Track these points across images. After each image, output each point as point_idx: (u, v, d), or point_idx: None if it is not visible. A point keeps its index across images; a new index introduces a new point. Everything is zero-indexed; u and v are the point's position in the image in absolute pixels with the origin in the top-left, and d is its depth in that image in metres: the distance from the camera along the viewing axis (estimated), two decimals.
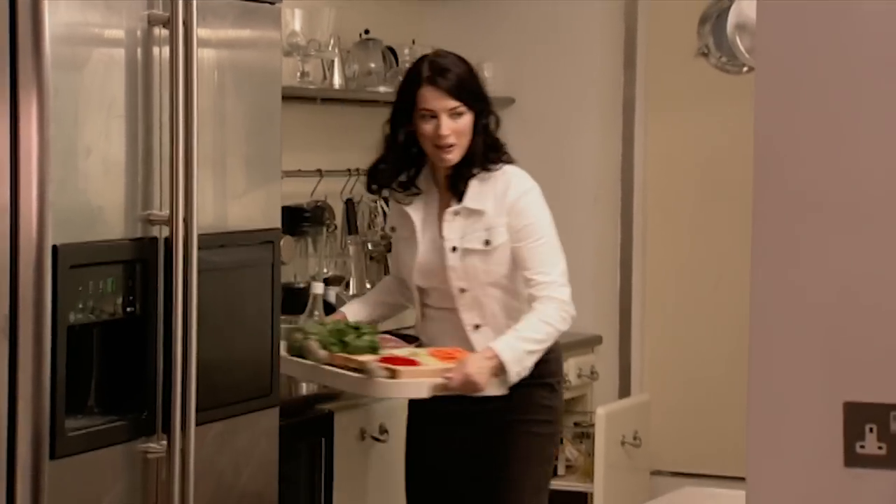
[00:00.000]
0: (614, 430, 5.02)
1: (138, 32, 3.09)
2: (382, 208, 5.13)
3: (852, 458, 2.02)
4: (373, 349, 3.66)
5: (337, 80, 4.78)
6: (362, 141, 5.14)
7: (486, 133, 3.78)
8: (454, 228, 3.75)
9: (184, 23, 3.11)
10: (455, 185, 3.76)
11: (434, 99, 3.71)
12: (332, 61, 4.75)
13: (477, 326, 3.74)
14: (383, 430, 4.15)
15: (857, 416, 2.02)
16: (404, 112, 3.77)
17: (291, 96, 4.45)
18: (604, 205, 5.54)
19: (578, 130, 5.50)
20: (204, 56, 3.21)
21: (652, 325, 5.56)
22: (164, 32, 3.12)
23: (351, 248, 4.95)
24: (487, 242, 3.72)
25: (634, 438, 5.15)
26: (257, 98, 3.42)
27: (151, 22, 3.10)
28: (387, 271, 5.02)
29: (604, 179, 5.54)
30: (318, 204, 4.75)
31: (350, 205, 4.99)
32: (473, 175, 3.74)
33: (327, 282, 4.70)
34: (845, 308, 2.03)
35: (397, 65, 5.07)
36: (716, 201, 5.44)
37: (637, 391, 5.54)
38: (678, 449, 5.45)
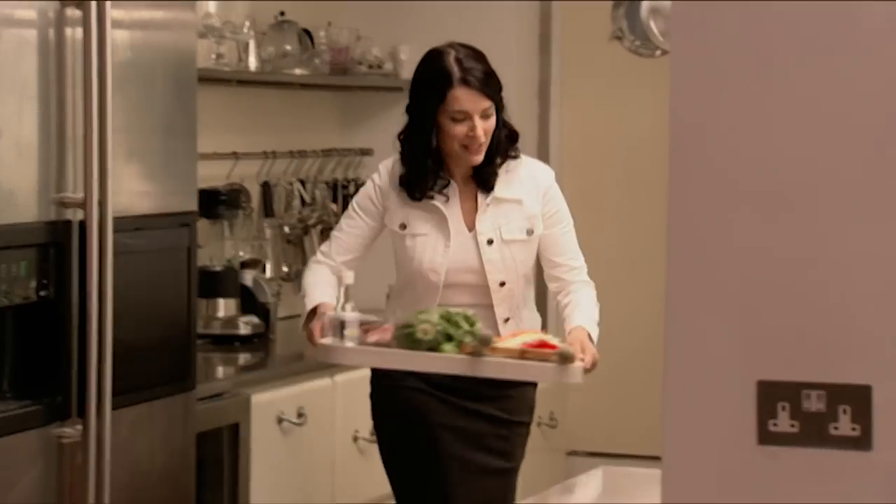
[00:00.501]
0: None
1: (50, 13, 3.05)
2: (300, 191, 5.11)
3: (766, 436, 2.04)
4: (487, 339, 3.31)
5: (252, 63, 4.75)
6: (278, 123, 5.14)
7: (505, 125, 3.67)
8: (486, 220, 3.60)
9: (97, 3, 3.08)
10: (484, 178, 3.61)
11: (468, 100, 3.53)
12: (247, 43, 4.72)
13: (507, 319, 3.60)
14: (301, 415, 4.15)
15: (770, 395, 2.04)
16: (431, 113, 3.56)
17: (206, 78, 4.41)
18: None
19: None
20: (118, 37, 3.18)
21: None
22: (77, 13, 3.08)
23: (268, 232, 4.93)
24: (530, 232, 3.62)
25: (551, 419, 5.18)
26: (172, 80, 3.40)
27: (64, 2, 3.07)
28: (304, 255, 5.01)
29: None
30: (234, 187, 4.73)
31: (266, 188, 4.97)
32: (499, 166, 3.61)
33: (243, 265, 4.68)
34: (758, 288, 2.06)
35: (313, 47, 5.05)
36: (632, 183, 5.48)
37: None
38: (595, 429, 5.49)
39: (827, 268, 2.02)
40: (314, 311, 3.55)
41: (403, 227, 3.63)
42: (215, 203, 4.59)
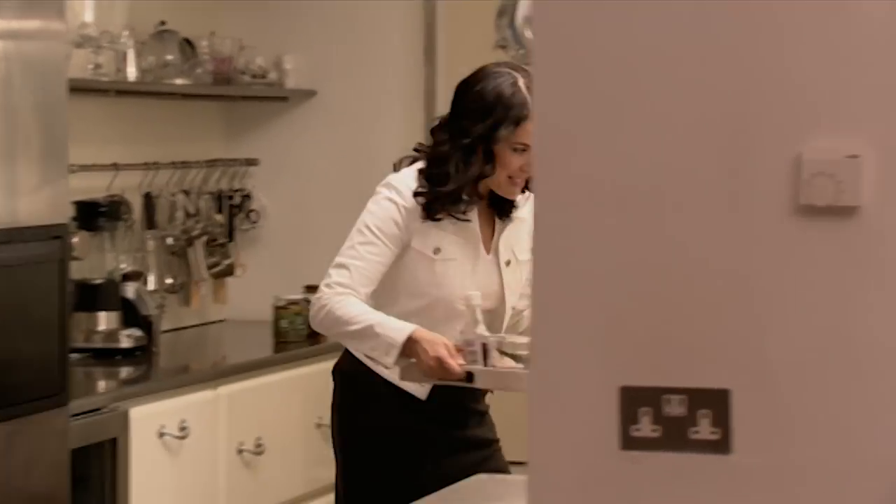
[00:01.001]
0: None
1: None
2: (183, 203, 5.06)
3: (628, 442, 2.05)
4: None
5: (132, 72, 4.70)
6: (161, 134, 5.09)
7: None
8: (502, 241, 3.43)
9: None
10: (504, 202, 3.41)
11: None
12: (126, 53, 4.66)
13: None
14: (183, 428, 4.10)
15: (632, 400, 2.05)
16: (497, 139, 3.32)
17: (84, 88, 4.36)
18: None
19: (381, 122, 5.50)
20: None
21: None
22: None
23: (150, 244, 4.87)
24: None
25: None
26: (43, 91, 3.34)
27: None
28: (188, 267, 4.96)
29: None
30: (115, 198, 4.67)
31: (148, 199, 4.92)
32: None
33: (125, 277, 4.62)
34: (620, 294, 2.06)
35: (195, 56, 5.00)
36: None
37: None
38: None
39: (687, 273, 2.04)
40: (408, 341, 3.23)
41: (437, 251, 3.36)
42: (95, 215, 4.53)
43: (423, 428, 3.39)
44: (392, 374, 3.33)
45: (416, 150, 3.56)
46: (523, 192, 3.39)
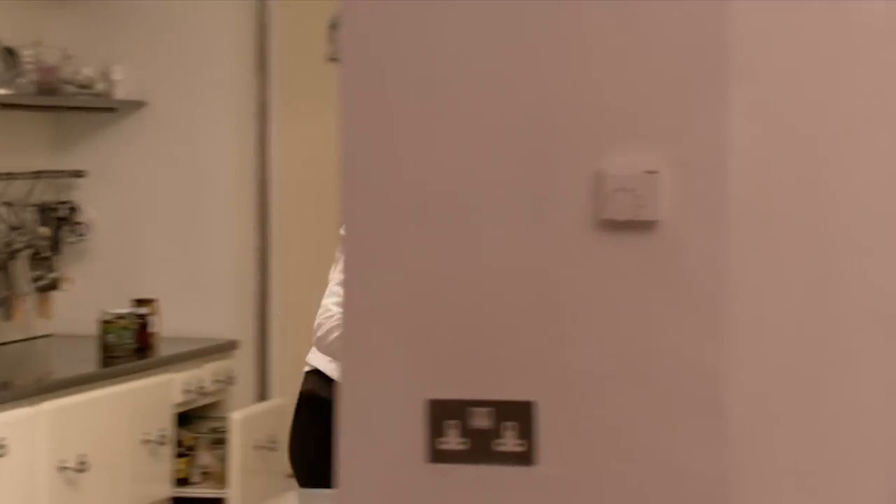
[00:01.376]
0: (249, 434, 5.00)
1: None
2: (7, 217, 4.95)
3: (435, 454, 2.06)
4: None
5: None
6: None
7: None
8: None
9: None
10: None
11: None
12: None
13: None
14: (1, 446, 4.00)
15: (439, 413, 2.06)
16: None
17: None
18: (240, 208, 5.50)
19: (212, 134, 5.44)
20: None
21: (291, 329, 5.56)
22: None
23: None
24: None
25: (270, 442, 5.14)
26: None
27: None
28: (10, 280, 4.85)
29: (240, 182, 5.51)
30: None
31: None
32: None
33: None
34: (427, 307, 2.07)
35: (18, 66, 4.90)
36: None
37: (276, 395, 5.53)
38: None
39: (493, 287, 2.05)
40: None
41: None
42: None
43: None
44: None
45: None
46: None
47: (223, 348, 5.36)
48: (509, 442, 2.04)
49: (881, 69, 1.94)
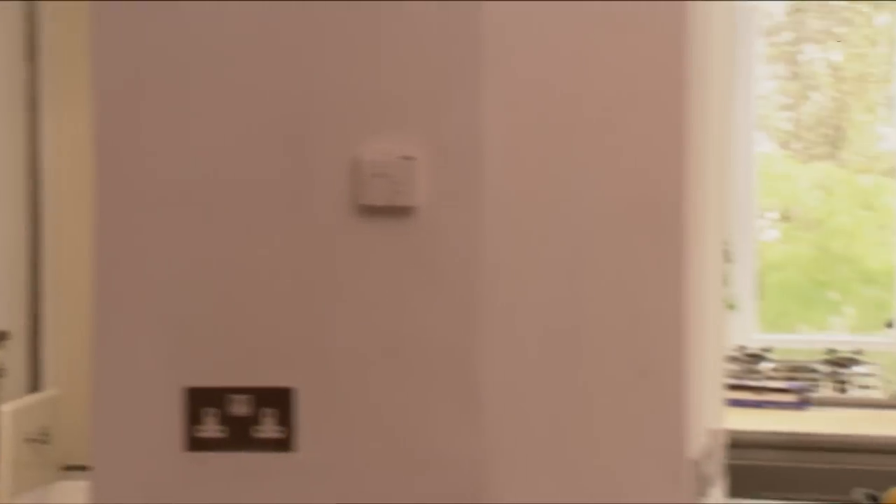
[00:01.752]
0: (20, 427, 4.88)
1: None
2: None
3: (192, 443, 2.04)
4: None
5: None
6: None
7: None
8: None
9: None
10: None
11: None
12: None
13: None
14: None
15: (197, 401, 2.04)
16: None
17: None
18: (9, 198, 5.36)
19: None
20: None
21: (66, 319, 5.45)
22: None
23: None
24: None
25: (42, 434, 5.02)
26: None
27: None
28: None
29: (10, 173, 5.36)
30: None
31: None
32: None
33: None
34: (185, 294, 2.05)
35: None
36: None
37: (50, 387, 5.41)
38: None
39: (250, 273, 2.04)
40: None
41: None
42: None
43: None
44: None
45: None
46: None
47: None
48: (268, 429, 2.04)
49: (627, 60, 1.99)
